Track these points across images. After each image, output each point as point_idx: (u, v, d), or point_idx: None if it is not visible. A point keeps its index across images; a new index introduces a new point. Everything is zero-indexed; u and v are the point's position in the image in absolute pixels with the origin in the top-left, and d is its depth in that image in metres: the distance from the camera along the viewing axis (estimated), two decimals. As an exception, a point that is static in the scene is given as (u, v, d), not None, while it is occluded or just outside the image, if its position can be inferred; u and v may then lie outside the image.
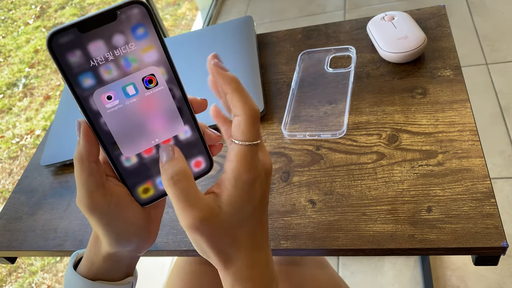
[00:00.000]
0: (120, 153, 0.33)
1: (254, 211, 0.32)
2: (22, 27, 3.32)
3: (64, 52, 0.29)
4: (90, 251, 0.37)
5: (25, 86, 2.77)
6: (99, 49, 0.29)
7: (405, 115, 0.54)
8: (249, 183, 0.31)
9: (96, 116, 0.31)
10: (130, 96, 0.31)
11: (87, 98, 0.30)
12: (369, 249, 0.45)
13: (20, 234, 0.60)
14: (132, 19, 0.29)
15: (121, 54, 0.30)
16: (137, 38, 0.30)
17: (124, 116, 0.31)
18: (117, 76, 0.30)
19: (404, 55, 0.58)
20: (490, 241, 0.41)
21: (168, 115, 0.33)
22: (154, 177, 0.34)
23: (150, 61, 0.31)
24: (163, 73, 0.31)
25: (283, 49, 0.70)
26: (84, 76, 0.30)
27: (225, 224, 0.31)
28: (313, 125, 0.57)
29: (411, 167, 0.49)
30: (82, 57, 0.29)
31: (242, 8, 2.39)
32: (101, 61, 0.30)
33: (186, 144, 0.34)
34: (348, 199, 0.49)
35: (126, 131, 0.32)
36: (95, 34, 0.29)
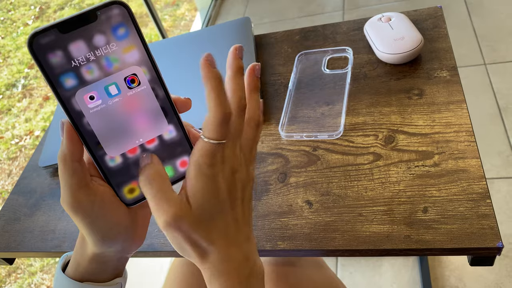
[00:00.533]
0: (104, 153, 0.33)
1: (222, 208, 0.32)
2: (21, 27, 3.32)
3: (45, 53, 0.29)
4: (77, 252, 0.37)
5: (24, 87, 2.78)
6: (80, 49, 0.29)
7: (401, 116, 0.54)
8: (210, 177, 0.31)
9: (79, 116, 0.31)
10: (112, 96, 0.31)
11: (70, 99, 0.30)
12: (365, 249, 0.45)
13: (18, 235, 0.60)
14: (112, 20, 0.30)
15: (103, 54, 0.30)
16: (118, 38, 0.30)
17: (107, 116, 0.32)
18: (98, 76, 0.30)
19: (401, 56, 0.58)
20: (486, 241, 0.42)
21: (152, 115, 0.33)
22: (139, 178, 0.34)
23: (131, 60, 0.31)
24: (145, 73, 0.32)
25: (281, 50, 0.70)
26: (65, 76, 0.30)
27: (196, 217, 0.31)
28: (310, 126, 0.57)
29: (407, 168, 0.49)
30: (63, 57, 0.29)
31: (241, 8, 2.39)
32: (83, 62, 0.30)
33: (171, 143, 0.34)
34: (344, 199, 0.49)
35: (109, 131, 0.32)
36: (76, 35, 0.29)
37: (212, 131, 0.30)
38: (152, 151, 0.34)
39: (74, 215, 0.32)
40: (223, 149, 0.31)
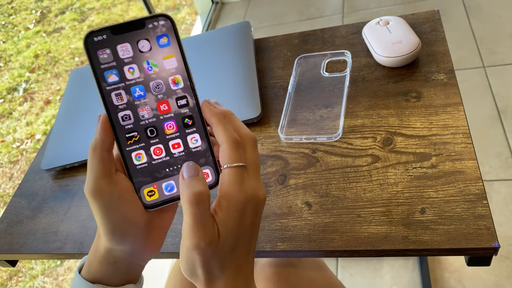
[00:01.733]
0: (132, 149, 0.35)
1: (244, 239, 0.34)
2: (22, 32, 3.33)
3: (96, 49, 0.33)
4: (91, 251, 0.38)
5: (25, 91, 2.79)
6: (126, 50, 0.33)
7: (399, 118, 0.55)
8: (242, 204, 0.32)
9: (114, 110, 0.34)
10: (146, 96, 0.35)
11: (109, 93, 0.34)
12: (363, 250, 0.45)
13: (21, 237, 0.61)
14: (157, 29, 0.34)
15: (145, 58, 0.34)
16: (160, 46, 0.34)
17: (140, 114, 0.35)
18: (138, 76, 0.34)
19: (399, 59, 0.59)
20: (482, 242, 0.42)
21: (180, 121, 0.35)
22: (160, 181, 0.36)
23: (169, 67, 0.34)
24: (179, 81, 0.35)
25: (280, 54, 0.71)
26: (109, 72, 0.33)
27: (221, 247, 0.32)
28: (309, 129, 0.58)
29: (405, 170, 0.50)
30: (111, 55, 0.33)
31: (241, 12, 2.40)
32: (127, 61, 0.34)
33: (194, 152, 0.36)
34: (343, 201, 0.50)
35: (140, 129, 0.35)
36: (125, 38, 0.33)
37: (232, 155, 0.33)
38: (175, 156, 0.35)
39: (93, 201, 0.33)
40: (246, 173, 0.33)
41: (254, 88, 0.63)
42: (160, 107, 0.35)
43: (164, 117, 0.35)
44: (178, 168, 0.35)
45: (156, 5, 3.13)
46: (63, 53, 2.98)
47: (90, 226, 0.58)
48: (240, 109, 0.61)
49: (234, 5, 2.49)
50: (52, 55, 3.00)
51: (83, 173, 0.66)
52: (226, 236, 0.32)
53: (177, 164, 0.35)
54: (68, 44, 3.04)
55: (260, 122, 0.62)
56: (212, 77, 0.67)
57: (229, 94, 0.63)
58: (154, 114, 0.35)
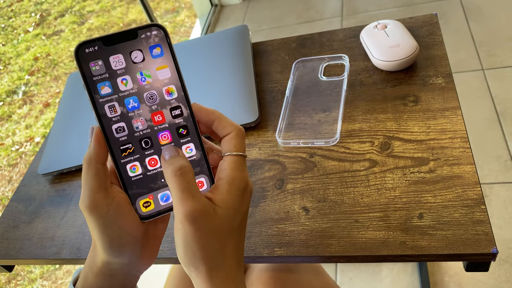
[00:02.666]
0: (127, 161, 0.34)
1: (241, 223, 0.34)
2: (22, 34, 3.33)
3: (88, 60, 0.32)
4: (86, 264, 0.37)
5: (24, 94, 2.78)
6: (118, 61, 0.33)
7: (397, 122, 0.55)
8: (242, 190, 0.33)
9: (108, 122, 0.34)
10: (140, 108, 0.34)
11: (102, 105, 0.33)
12: (361, 255, 0.45)
13: (18, 243, 0.60)
14: (150, 39, 0.33)
15: (138, 68, 0.33)
16: (153, 57, 0.34)
17: (134, 126, 0.34)
18: (131, 88, 0.34)
19: (397, 63, 0.59)
20: (480, 247, 0.42)
21: (174, 131, 0.35)
22: (155, 191, 0.35)
23: (162, 78, 0.34)
24: (173, 91, 0.35)
25: (278, 58, 0.71)
26: (102, 84, 0.33)
27: (218, 226, 0.32)
28: (306, 133, 0.58)
29: (403, 174, 0.50)
30: (103, 67, 0.33)
31: (240, 15, 2.40)
32: (119, 73, 0.33)
33: (190, 162, 0.35)
34: (341, 206, 0.49)
35: (134, 141, 0.35)
36: (117, 49, 0.33)
37: (238, 145, 0.34)
38: None
39: (89, 216, 0.33)
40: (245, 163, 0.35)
41: (251, 92, 0.63)
42: (154, 118, 0.34)
43: (158, 128, 0.35)
44: None
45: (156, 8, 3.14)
46: (63, 56, 2.98)
47: (86, 231, 0.58)
48: (238, 113, 0.61)
49: (233, 8, 2.49)
50: (51, 58, 3.00)
51: (80, 178, 0.65)
52: (225, 216, 0.32)
53: None
54: (67, 47, 3.04)
55: (258, 126, 0.61)
56: (209, 81, 0.67)
57: (226, 98, 0.63)
58: (148, 125, 0.34)
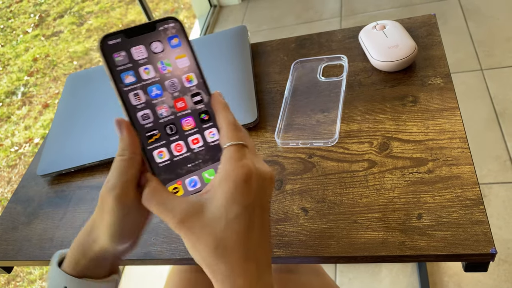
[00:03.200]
0: (154, 148, 0.35)
1: (243, 212, 0.31)
2: (21, 35, 3.33)
3: (112, 52, 0.34)
4: (76, 249, 0.38)
5: (24, 95, 2.78)
6: (140, 52, 0.35)
7: (396, 123, 0.55)
8: (240, 181, 0.31)
9: (133, 110, 0.35)
10: (163, 95, 0.36)
11: (127, 94, 0.35)
12: (360, 256, 0.45)
13: (16, 244, 0.60)
14: (168, 31, 0.36)
15: (158, 58, 0.35)
16: (172, 47, 0.36)
17: (158, 113, 0.36)
18: (153, 76, 0.35)
19: (395, 64, 0.59)
20: (479, 247, 0.42)
21: (197, 116, 0.37)
22: (183, 177, 0.36)
23: (182, 66, 0.36)
24: (192, 78, 0.36)
25: (277, 58, 0.71)
26: (126, 73, 0.34)
27: (206, 222, 0.31)
28: (305, 134, 0.58)
29: (401, 175, 0.50)
30: (126, 57, 0.34)
31: (239, 16, 2.40)
32: (142, 62, 0.35)
33: (213, 146, 0.37)
34: (340, 206, 0.49)
35: (159, 127, 0.36)
36: (138, 40, 0.35)
37: (230, 135, 0.34)
38: (195, 151, 0.36)
39: (114, 204, 0.33)
40: (245, 151, 0.33)
41: (250, 92, 0.63)
42: (176, 104, 0.36)
43: (181, 114, 0.36)
44: (199, 163, 0.36)
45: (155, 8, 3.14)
46: (62, 56, 2.98)
47: (85, 232, 0.58)
48: (237, 113, 0.60)
49: (232, 9, 2.49)
50: (50, 59, 3.00)
51: (79, 179, 0.65)
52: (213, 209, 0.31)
53: (198, 159, 0.36)
54: (66, 47, 3.04)
55: (257, 127, 0.61)
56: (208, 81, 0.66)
57: (225, 98, 0.63)
58: (172, 112, 0.36)
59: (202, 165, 0.36)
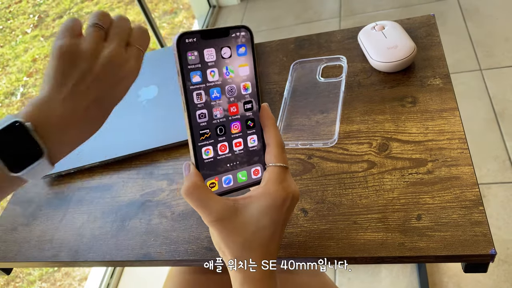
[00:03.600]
0: (203, 144, 0.38)
1: (271, 224, 0.37)
2: (20, 36, 3.33)
3: (186, 50, 0.35)
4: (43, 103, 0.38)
5: (23, 95, 2.78)
6: (211, 55, 0.36)
7: (395, 123, 0.55)
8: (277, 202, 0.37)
9: (193, 108, 0.37)
10: (221, 98, 0.38)
11: (192, 92, 0.36)
12: (360, 257, 0.45)
13: (16, 245, 0.60)
14: (239, 39, 0.37)
15: (225, 63, 0.37)
16: (239, 55, 0.37)
17: (213, 114, 0.38)
18: (217, 80, 0.37)
19: (394, 65, 0.59)
20: (479, 248, 0.42)
21: (244, 122, 0.39)
22: (221, 174, 0.39)
23: (242, 74, 0.38)
24: (249, 87, 0.38)
25: (276, 59, 0.71)
26: (194, 73, 0.36)
27: (237, 225, 0.36)
28: (305, 134, 0.58)
29: (401, 176, 0.50)
30: (197, 57, 0.36)
31: (239, 16, 2.40)
32: (210, 65, 0.37)
33: (251, 151, 0.40)
34: (339, 207, 0.49)
35: (211, 127, 0.38)
36: (211, 43, 0.36)
37: (277, 156, 0.38)
38: (236, 153, 0.40)
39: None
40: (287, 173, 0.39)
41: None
42: (230, 109, 0.38)
43: (232, 118, 0.39)
44: (237, 164, 0.40)
45: (154, 9, 3.14)
46: (61, 57, 2.97)
47: (85, 233, 0.58)
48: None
49: (231, 9, 2.49)
50: (49, 60, 2.99)
51: (79, 180, 0.65)
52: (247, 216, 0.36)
53: (236, 160, 0.40)
54: (65, 48, 3.03)
55: (256, 128, 0.61)
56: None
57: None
58: (224, 115, 0.38)
59: (239, 166, 0.40)
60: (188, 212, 0.55)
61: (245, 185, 0.41)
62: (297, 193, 0.39)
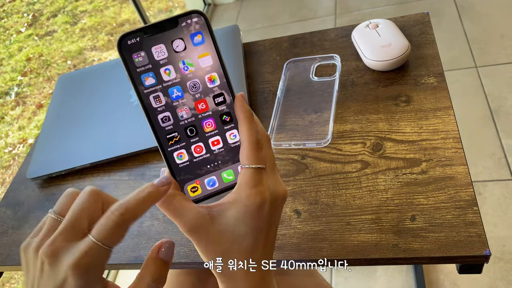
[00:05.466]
0: (174, 149, 0.35)
1: (251, 232, 0.34)
2: (14, 35, 3.30)
3: (131, 52, 0.32)
4: None
5: (17, 95, 2.76)
6: (161, 52, 0.33)
7: (389, 123, 0.54)
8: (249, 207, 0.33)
9: (154, 113, 0.34)
10: (184, 96, 0.35)
11: (148, 96, 0.34)
12: (353, 259, 0.45)
13: (5, 249, 0.59)
14: (191, 27, 0.33)
15: (180, 58, 0.34)
16: (195, 44, 0.34)
17: (178, 115, 0.35)
18: (174, 77, 0.34)
19: (388, 63, 0.58)
20: (473, 249, 0.41)
21: (218, 118, 0.36)
22: (202, 177, 0.36)
23: (205, 66, 0.34)
24: (215, 78, 0.35)
25: (269, 58, 0.70)
26: (146, 75, 0.33)
27: (214, 234, 0.33)
28: (298, 134, 0.57)
29: (395, 176, 0.49)
30: (146, 58, 0.33)
31: (234, 14, 2.39)
32: (162, 63, 0.33)
33: (233, 147, 0.37)
34: (332, 208, 0.49)
35: (179, 129, 0.35)
36: (158, 38, 0.33)
37: (250, 157, 0.33)
38: (215, 153, 0.36)
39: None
40: (263, 175, 0.34)
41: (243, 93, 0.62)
42: (198, 106, 0.35)
43: (202, 116, 0.35)
44: (219, 164, 0.36)
45: (149, 7, 3.12)
46: (56, 56, 2.96)
47: (76, 236, 0.57)
48: (228, 115, 0.60)
49: (226, 7, 2.48)
50: (44, 59, 2.98)
51: (69, 182, 0.64)
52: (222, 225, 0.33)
53: (217, 160, 0.36)
54: (60, 47, 3.02)
55: (249, 128, 0.60)
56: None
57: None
58: (192, 114, 0.35)
59: (222, 166, 0.36)
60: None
61: (234, 184, 0.37)
62: (280, 195, 0.35)
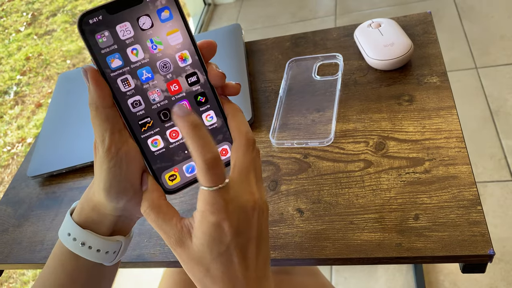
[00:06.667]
0: (147, 136, 0.33)
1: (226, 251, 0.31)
2: (13, 34, 3.30)
3: (93, 32, 0.30)
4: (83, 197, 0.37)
5: (16, 94, 2.75)
6: (126, 30, 0.31)
7: (392, 122, 0.54)
8: (214, 225, 0.30)
9: (123, 97, 0.32)
10: (155, 77, 0.32)
11: (115, 79, 0.31)
12: (356, 258, 0.44)
13: (6, 247, 0.59)
14: (157, 2, 0.31)
15: (147, 36, 0.31)
16: (162, 21, 0.31)
17: (150, 98, 0.33)
18: (143, 58, 0.31)
19: (391, 62, 0.58)
20: (477, 248, 0.41)
21: (192, 99, 0.33)
22: (180, 164, 0.34)
23: (174, 43, 0.32)
24: (187, 57, 0.32)
25: (271, 57, 0.70)
26: (111, 57, 0.31)
27: (195, 254, 0.31)
28: (301, 133, 0.57)
29: (398, 175, 0.49)
30: (110, 38, 0.30)
31: (234, 14, 2.39)
32: (128, 42, 0.31)
33: (211, 130, 0.34)
34: (335, 207, 0.49)
35: (152, 113, 0.33)
36: (122, 16, 0.30)
37: (202, 179, 0.29)
38: None
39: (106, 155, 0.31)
40: (221, 193, 0.29)
41: (245, 92, 0.62)
42: (170, 87, 0.33)
43: (176, 98, 0.33)
44: None
45: (149, 7, 3.11)
46: (55, 55, 2.95)
47: (77, 234, 0.57)
48: (231, 113, 0.60)
49: (226, 7, 2.48)
50: (43, 58, 2.97)
51: (70, 180, 0.64)
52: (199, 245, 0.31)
53: None
54: (59, 46, 3.02)
55: (251, 127, 0.60)
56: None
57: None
58: (165, 96, 0.33)
59: None
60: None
61: None
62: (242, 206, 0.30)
